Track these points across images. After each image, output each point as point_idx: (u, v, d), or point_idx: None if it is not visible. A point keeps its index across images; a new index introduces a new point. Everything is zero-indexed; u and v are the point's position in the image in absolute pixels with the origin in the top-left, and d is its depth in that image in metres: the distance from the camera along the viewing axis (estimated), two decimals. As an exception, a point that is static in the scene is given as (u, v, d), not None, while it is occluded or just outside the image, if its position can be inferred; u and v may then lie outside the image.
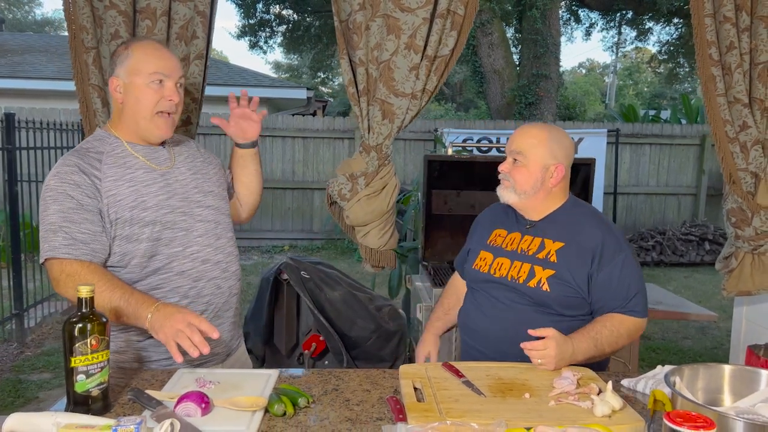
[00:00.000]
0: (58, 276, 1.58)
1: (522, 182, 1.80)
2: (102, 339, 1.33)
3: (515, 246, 1.85)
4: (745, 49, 2.57)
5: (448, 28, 2.56)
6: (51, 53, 11.34)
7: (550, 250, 1.79)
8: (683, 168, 9.51)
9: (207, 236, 1.75)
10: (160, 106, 1.69)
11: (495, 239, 1.92)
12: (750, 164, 2.63)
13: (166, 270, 1.68)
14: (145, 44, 1.74)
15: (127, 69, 1.69)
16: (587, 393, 1.46)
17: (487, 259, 1.89)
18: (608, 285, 1.74)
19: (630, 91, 30.17)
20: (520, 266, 1.80)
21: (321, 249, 8.98)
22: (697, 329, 5.53)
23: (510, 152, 1.84)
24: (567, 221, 1.83)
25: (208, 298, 1.73)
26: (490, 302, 1.84)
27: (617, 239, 1.80)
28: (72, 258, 1.57)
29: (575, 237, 1.78)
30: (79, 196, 1.60)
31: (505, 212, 1.95)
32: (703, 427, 1.03)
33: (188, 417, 1.31)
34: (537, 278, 1.76)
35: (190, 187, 1.77)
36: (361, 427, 1.34)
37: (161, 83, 1.69)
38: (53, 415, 1.22)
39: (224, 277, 1.78)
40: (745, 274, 2.72)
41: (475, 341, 1.89)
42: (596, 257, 1.75)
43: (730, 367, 1.39)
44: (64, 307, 5.51)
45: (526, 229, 1.87)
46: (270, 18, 15.35)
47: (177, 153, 1.83)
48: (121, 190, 1.64)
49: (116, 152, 1.71)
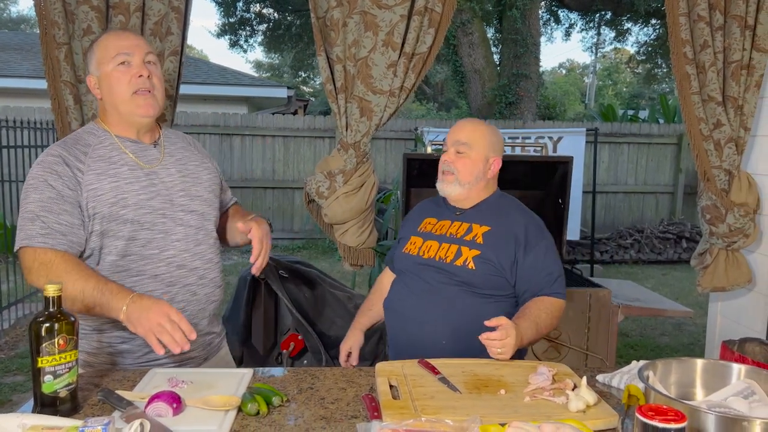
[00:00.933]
0: (30, 265, 1.55)
1: (466, 173, 1.90)
2: (70, 339, 1.30)
3: (444, 231, 1.95)
4: (719, 47, 2.61)
5: (425, 26, 2.55)
6: (26, 51, 11.15)
7: (477, 233, 1.89)
8: (661, 167, 9.63)
9: (186, 241, 1.71)
10: (133, 85, 1.64)
11: (425, 226, 2.01)
12: (724, 162, 2.66)
13: (139, 272, 1.65)
14: (106, 34, 1.74)
15: (95, 62, 1.68)
16: (562, 388, 1.46)
17: (416, 243, 1.97)
18: (533, 268, 1.85)
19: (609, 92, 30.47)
20: (447, 247, 1.89)
21: (302, 248, 8.94)
22: (674, 326, 5.60)
23: (454, 143, 1.91)
24: (494, 209, 1.95)
25: (181, 304, 1.68)
26: (417, 283, 1.91)
27: (540, 227, 1.93)
28: (47, 247, 1.54)
29: (501, 222, 1.90)
30: (59, 186, 1.57)
31: (435, 204, 2.06)
32: (674, 420, 1.03)
33: (159, 417, 1.28)
34: (463, 258, 1.85)
35: (176, 190, 1.72)
36: (335, 426, 1.33)
37: (127, 64, 1.65)
38: (19, 417, 1.19)
39: (201, 284, 1.74)
40: (719, 270, 2.75)
41: (403, 323, 1.92)
42: (521, 242, 1.86)
43: (702, 362, 1.41)
44: (39, 309, 5.41)
45: (455, 216, 1.96)
46: (250, 16, 15.25)
47: (169, 153, 1.78)
48: (102, 185, 1.61)
49: (104, 145, 1.68)
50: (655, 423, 1.03)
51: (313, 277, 3.11)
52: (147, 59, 1.68)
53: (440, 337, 1.83)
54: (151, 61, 1.69)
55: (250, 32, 15.65)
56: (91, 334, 1.68)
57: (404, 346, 1.92)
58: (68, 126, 2.44)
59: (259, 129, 9.02)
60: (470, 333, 1.76)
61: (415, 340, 1.86)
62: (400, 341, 1.94)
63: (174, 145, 1.82)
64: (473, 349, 1.73)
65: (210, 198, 1.80)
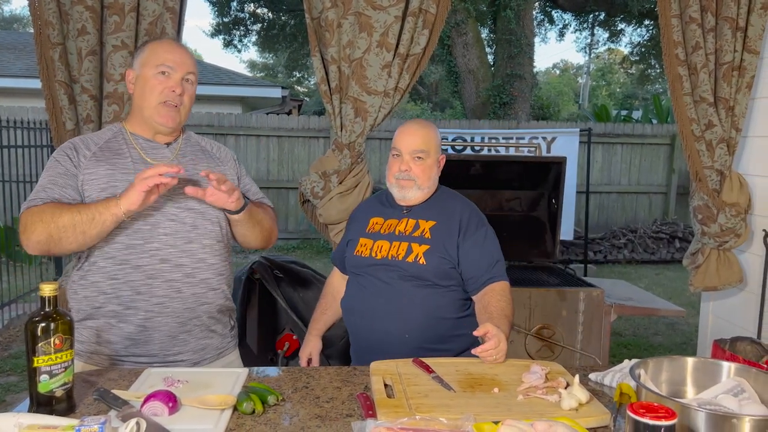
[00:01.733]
0: (25, 222, 1.62)
1: (424, 178, 1.96)
2: (66, 338, 1.30)
3: (393, 229, 2.00)
4: (711, 49, 2.63)
5: (420, 27, 2.56)
6: (19, 50, 11.10)
7: (424, 228, 1.96)
8: (654, 167, 9.68)
9: (174, 236, 1.72)
10: (164, 96, 1.73)
11: (373, 227, 2.05)
12: (715, 162, 2.68)
13: (122, 261, 1.68)
14: (162, 41, 1.84)
15: (140, 61, 1.77)
16: (555, 387, 1.47)
17: (367, 245, 2.01)
18: (474, 253, 1.93)
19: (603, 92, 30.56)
20: (398, 245, 1.95)
21: (296, 248, 8.94)
22: (667, 325, 5.63)
23: (413, 152, 1.94)
24: (438, 204, 2.02)
25: (162, 299, 1.70)
26: (372, 283, 1.96)
27: (480, 216, 2.02)
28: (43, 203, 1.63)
29: (444, 214, 1.98)
30: (67, 164, 1.70)
31: (380, 203, 2.11)
32: (665, 417, 1.05)
33: (155, 416, 1.29)
34: (414, 254, 1.92)
35: (177, 187, 1.70)
36: (330, 424, 1.34)
37: (167, 75, 1.74)
38: (15, 416, 1.19)
39: (188, 282, 1.73)
40: (711, 269, 2.78)
41: (362, 320, 1.98)
42: (462, 228, 1.95)
43: (693, 360, 1.42)
44: (32, 309, 5.39)
45: (402, 214, 2.02)
46: (245, 16, 15.22)
47: (182, 153, 1.83)
48: (98, 170, 1.69)
49: (116, 140, 1.78)
50: (646, 420, 1.04)
51: (308, 276, 3.11)
52: (186, 77, 1.78)
53: (402, 332, 1.89)
54: (189, 80, 1.79)
55: (244, 32, 15.61)
56: (82, 331, 1.71)
57: (367, 345, 1.97)
58: (62, 125, 2.44)
59: (254, 129, 9.02)
60: (430, 324, 1.90)
61: (379, 337, 1.92)
62: (363, 341, 2.00)
63: (192, 147, 1.88)
64: (436, 339, 1.90)
65: None
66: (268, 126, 9.11)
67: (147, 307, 1.69)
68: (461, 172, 3.48)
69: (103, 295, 1.69)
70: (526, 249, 3.55)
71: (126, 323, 1.69)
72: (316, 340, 2.18)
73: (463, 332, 1.96)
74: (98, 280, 1.69)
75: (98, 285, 1.69)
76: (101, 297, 1.69)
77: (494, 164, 3.64)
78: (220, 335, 1.87)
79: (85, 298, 1.71)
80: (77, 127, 2.44)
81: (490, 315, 1.83)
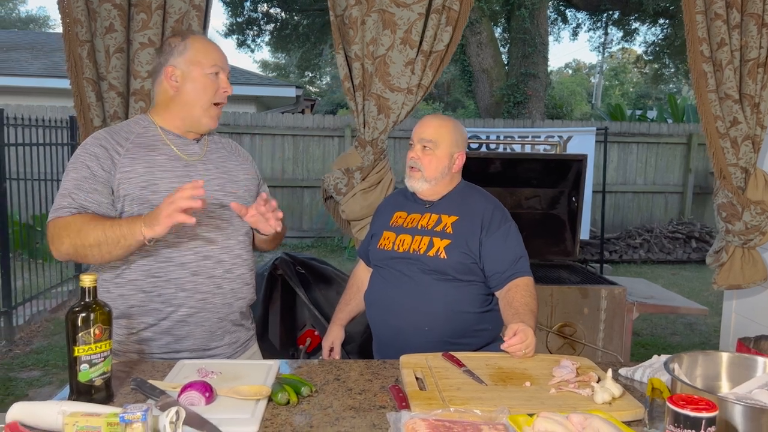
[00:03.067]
0: (52, 233, 1.61)
1: (431, 169, 1.96)
2: (105, 329, 1.32)
3: (415, 224, 2.02)
4: (736, 45, 2.61)
5: (443, 24, 2.57)
6: (36, 50, 11.22)
7: (446, 223, 1.97)
8: (670, 167, 9.61)
9: (214, 233, 1.73)
10: (217, 98, 1.74)
11: (396, 221, 2.07)
12: (740, 159, 2.67)
13: (166, 258, 1.68)
14: (202, 38, 1.80)
15: (187, 59, 1.72)
16: (587, 381, 1.48)
17: (390, 238, 2.03)
18: (497, 249, 1.93)
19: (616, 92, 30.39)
20: (420, 240, 1.97)
21: (311, 247, 8.97)
22: (685, 325, 5.60)
23: (420, 140, 1.97)
24: (460, 198, 2.03)
25: (205, 295, 1.71)
26: (394, 276, 1.98)
27: (504, 212, 2.02)
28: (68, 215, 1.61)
29: (467, 210, 1.99)
30: (94, 167, 1.65)
31: (404, 197, 2.12)
32: (705, 410, 1.05)
33: (192, 406, 1.31)
34: (435, 248, 1.93)
35: (212, 184, 1.74)
36: (364, 415, 1.35)
37: (217, 75, 1.74)
38: (58, 404, 1.21)
39: (227, 278, 1.75)
40: (735, 268, 2.76)
41: (383, 313, 2.00)
42: (485, 224, 1.95)
43: (727, 355, 1.42)
44: (53, 305, 5.46)
45: (424, 209, 2.03)
46: (258, 16, 15.27)
47: (210, 150, 1.83)
48: (136, 168, 1.67)
49: (147, 134, 1.75)
50: (687, 412, 1.04)
51: (329, 273, 3.13)
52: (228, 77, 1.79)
53: (422, 325, 1.90)
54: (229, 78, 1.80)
55: (257, 32, 15.66)
56: (117, 320, 1.71)
57: (388, 337, 2.00)
58: (90, 122, 2.47)
59: (269, 128, 9.06)
60: (450, 318, 1.91)
61: (399, 329, 1.94)
62: (384, 333, 2.02)
63: (216, 145, 1.87)
64: (457, 333, 1.92)
65: (244, 197, 1.82)
66: (283, 125, 9.14)
67: (191, 304, 1.70)
68: (481, 169, 3.48)
69: (142, 293, 1.68)
70: (546, 247, 3.54)
71: (167, 320, 1.70)
72: (338, 330, 2.20)
73: (484, 327, 1.98)
74: (136, 278, 1.68)
75: (136, 283, 1.69)
76: (140, 295, 1.69)
77: (514, 162, 3.64)
78: (246, 329, 1.90)
79: (120, 296, 1.69)
80: (104, 124, 2.46)
81: (515, 311, 1.83)
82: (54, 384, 3.92)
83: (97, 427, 1.12)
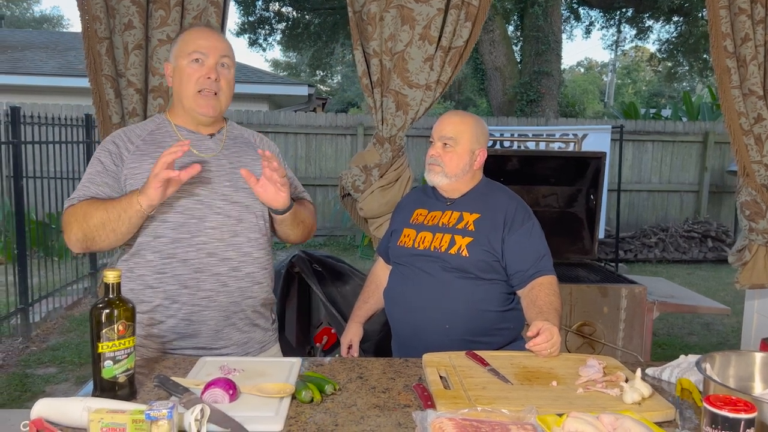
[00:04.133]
0: (65, 220, 1.65)
1: (452, 166, 1.94)
2: (129, 325, 1.32)
3: (436, 221, 1.99)
4: (760, 41, 2.57)
5: (462, 19, 2.55)
6: (51, 49, 11.30)
7: (468, 221, 1.95)
8: (685, 165, 9.52)
9: (220, 230, 1.71)
10: (200, 85, 1.70)
11: (417, 218, 2.05)
12: (764, 156, 2.62)
13: (169, 255, 1.68)
14: (192, 28, 1.79)
15: (174, 53, 1.74)
16: (615, 381, 1.45)
17: (410, 235, 2.01)
18: (520, 247, 1.91)
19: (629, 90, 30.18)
20: (441, 237, 1.94)
21: (323, 245, 8.96)
22: (702, 325, 5.54)
23: (440, 137, 1.96)
24: (482, 196, 2.00)
25: (208, 293, 1.70)
26: (414, 273, 1.96)
27: (526, 210, 1.99)
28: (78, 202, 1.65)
29: (489, 207, 1.96)
30: (107, 161, 1.69)
31: (424, 194, 2.11)
32: (744, 411, 1.02)
33: (216, 403, 1.30)
34: (457, 246, 1.91)
35: (222, 180, 1.73)
36: (389, 414, 1.33)
37: (201, 62, 1.70)
38: (83, 401, 1.20)
39: (234, 276, 1.73)
40: (758, 267, 2.71)
41: (403, 310, 1.97)
42: (507, 222, 1.92)
43: (761, 355, 1.39)
44: (68, 302, 5.49)
45: (446, 206, 2.01)
46: (269, 15, 15.30)
47: (226, 146, 1.81)
48: (143, 165, 1.67)
49: (161, 131, 1.77)
50: (726, 413, 1.01)
51: (345, 271, 3.11)
52: (221, 62, 1.73)
53: (443, 323, 1.88)
54: (225, 64, 1.74)
55: (269, 31, 15.69)
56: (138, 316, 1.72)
57: (408, 335, 1.98)
58: (109, 119, 2.47)
59: (282, 126, 9.07)
60: (471, 316, 1.89)
61: (419, 327, 1.92)
62: (403, 331, 2.00)
63: (234, 140, 1.84)
64: (477, 331, 1.89)
65: None
66: (295, 123, 9.15)
67: (194, 301, 1.69)
68: (498, 167, 3.45)
69: (149, 289, 1.69)
70: (564, 246, 3.51)
71: (172, 317, 1.70)
72: (357, 327, 2.18)
73: (506, 326, 1.95)
74: (144, 273, 1.70)
75: (144, 278, 1.70)
76: (148, 291, 1.69)
77: (531, 159, 3.60)
78: (262, 329, 1.87)
79: (131, 290, 1.70)
80: (123, 120, 2.46)
81: (539, 309, 1.81)
82: (70, 381, 3.93)
83: (122, 424, 1.11)
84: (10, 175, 4.80)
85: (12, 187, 4.81)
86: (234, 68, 1.79)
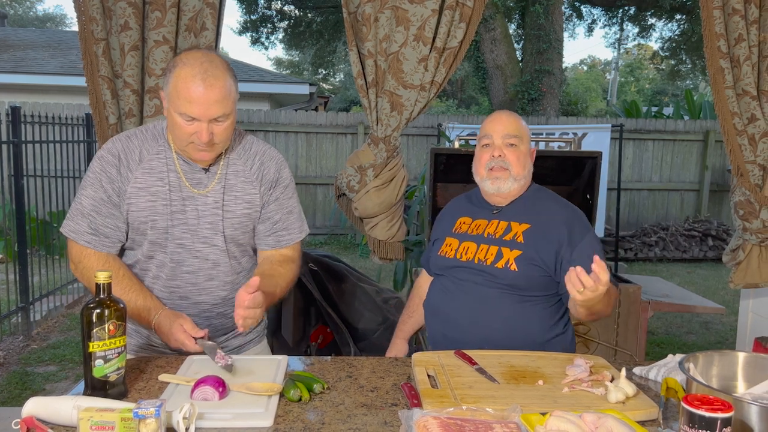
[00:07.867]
0: (77, 260, 1.67)
1: (519, 167, 1.80)
2: (120, 324, 1.34)
3: (481, 231, 1.85)
4: (754, 41, 2.58)
5: (456, 20, 2.56)
6: (54, 48, 11.33)
7: (517, 231, 1.80)
8: (686, 164, 9.51)
9: (196, 275, 1.71)
10: (192, 139, 1.58)
11: (460, 227, 1.92)
12: (758, 156, 2.63)
13: (149, 287, 1.72)
14: (185, 73, 1.53)
15: (167, 92, 1.58)
16: (600, 380, 1.47)
17: (452, 245, 1.88)
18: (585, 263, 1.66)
19: (631, 88, 30.11)
20: (487, 249, 1.80)
21: (324, 244, 8.99)
22: (701, 324, 5.54)
23: (504, 136, 1.80)
24: (532, 204, 1.84)
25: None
26: (455, 285, 1.83)
27: (582, 220, 1.83)
28: (92, 249, 1.65)
29: (541, 218, 1.80)
30: (110, 190, 1.65)
31: (468, 201, 1.98)
32: (721, 410, 1.03)
33: (206, 401, 1.32)
34: (505, 259, 1.76)
35: (204, 221, 1.68)
36: (376, 413, 1.35)
37: (192, 122, 1.55)
38: (73, 399, 1.22)
39: (205, 317, 1.74)
40: (752, 266, 2.72)
41: (441, 323, 1.86)
42: (565, 238, 1.75)
43: (744, 355, 1.40)
44: (69, 300, 5.52)
45: (492, 215, 1.87)
46: (271, 14, 15.33)
47: (218, 180, 1.70)
48: (140, 201, 1.65)
49: (159, 157, 1.68)
50: (702, 412, 1.03)
51: (342, 270, 3.13)
52: (216, 119, 1.57)
53: (481, 341, 1.74)
54: (219, 120, 1.57)
55: (271, 29, 15.72)
56: None
57: (444, 349, 1.81)
58: (105, 120, 2.49)
59: (282, 125, 9.09)
60: (511, 336, 1.74)
61: (456, 342, 1.77)
62: (441, 344, 1.86)
63: (231, 168, 1.73)
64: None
65: (234, 235, 1.72)
66: (296, 122, 9.17)
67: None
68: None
69: None
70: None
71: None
72: (402, 344, 2.07)
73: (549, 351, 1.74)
74: None
75: None
76: None
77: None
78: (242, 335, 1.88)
79: None
80: (119, 121, 2.49)
81: None
82: (70, 379, 3.96)
83: (111, 422, 1.13)
84: (11, 174, 4.83)
85: (13, 186, 4.84)
86: (234, 113, 1.62)
